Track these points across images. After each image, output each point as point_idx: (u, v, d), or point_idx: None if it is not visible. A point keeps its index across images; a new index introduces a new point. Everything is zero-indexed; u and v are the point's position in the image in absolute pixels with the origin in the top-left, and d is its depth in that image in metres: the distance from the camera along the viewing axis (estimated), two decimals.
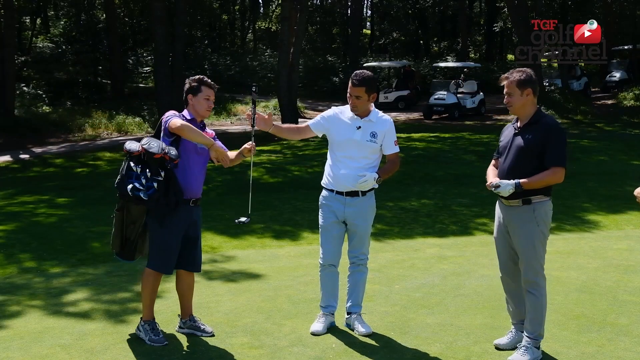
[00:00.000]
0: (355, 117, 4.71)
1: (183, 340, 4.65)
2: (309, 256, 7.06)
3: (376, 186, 4.74)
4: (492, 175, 4.41)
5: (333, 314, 4.91)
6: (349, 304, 4.90)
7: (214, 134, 4.81)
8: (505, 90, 4.29)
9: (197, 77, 4.74)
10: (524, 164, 4.21)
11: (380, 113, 4.82)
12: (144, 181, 4.28)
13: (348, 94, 4.69)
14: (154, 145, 4.34)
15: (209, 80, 4.72)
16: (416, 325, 4.93)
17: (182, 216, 4.54)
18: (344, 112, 4.80)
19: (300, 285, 6.05)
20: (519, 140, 4.26)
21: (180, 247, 4.59)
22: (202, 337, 4.69)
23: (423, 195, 11.24)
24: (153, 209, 4.44)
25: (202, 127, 4.68)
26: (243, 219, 4.78)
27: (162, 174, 4.33)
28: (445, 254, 7.44)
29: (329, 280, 4.89)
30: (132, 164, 4.35)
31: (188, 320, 4.81)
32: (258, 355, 4.40)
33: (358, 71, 4.73)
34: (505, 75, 4.29)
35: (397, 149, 4.81)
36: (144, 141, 4.38)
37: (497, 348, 4.47)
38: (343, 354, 4.41)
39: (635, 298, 5.55)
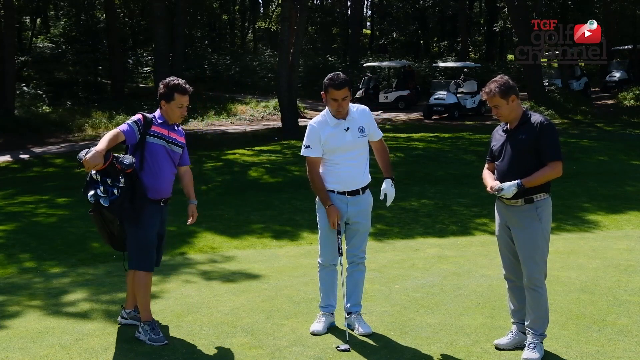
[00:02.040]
0: (338, 120, 4.66)
1: (183, 340, 4.65)
2: (309, 256, 7.05)
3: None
4: (490, 179, 4.43)
5: (333, 314, 4.90)
6: (348, 304, 4.89)
7: (182, 134, 4.79)
8: (490, 104, 4.33)
9: (170, 82, 4.60)
10: (522, 163, 4.25)
11: (355, 106, 4.78)
12: (102, 187, 4.34)
13: (332, 100, 4.58)
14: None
15: (182, 85, 4.58)
16: (416, 325, 4.93)
17: (156, 214, 4.62)
18: (323, 122, 4.70)
19: (300, 285, 6.05)
20: (514, 142, 4.31)
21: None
22: (202, 338, 4.68)
23: (423, 195, 11.24)
24: (118, 214, 4.46)
25: (174, 128, 4.72)
26: (343, 347, 4.53)
27: (123, 180, 4.36)
28: (445, 254, 7.44)
29: (329, 279, 4.88)
30: (93, 172, 4.36)
31: (132, 311, 4.89)
32: (258, 355, 4.40)
33: (332, 76, 4.60)
34: (485, 90, 4.33)
35: (381, 133, 4.88)
36: (81, 153, 4.30)
37: (497, 348, 4.47)
38: (343, 354, 4.41)
39: (635, 298, 5.54)
